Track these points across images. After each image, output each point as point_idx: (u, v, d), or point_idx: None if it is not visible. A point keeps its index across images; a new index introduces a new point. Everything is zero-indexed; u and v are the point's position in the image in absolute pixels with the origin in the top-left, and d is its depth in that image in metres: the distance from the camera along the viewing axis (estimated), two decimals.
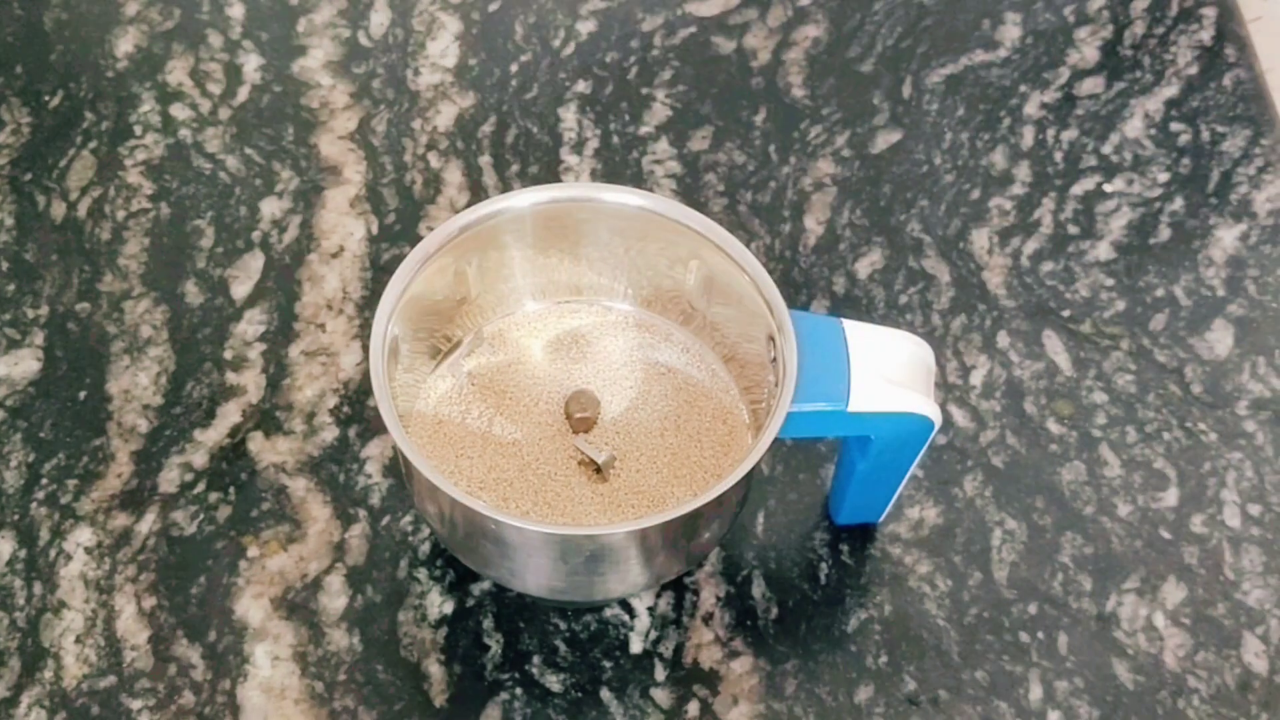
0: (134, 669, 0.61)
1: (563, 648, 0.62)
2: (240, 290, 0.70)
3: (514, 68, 0.78)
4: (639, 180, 0.74)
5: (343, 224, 0.73)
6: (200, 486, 0.65)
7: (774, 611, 0.63)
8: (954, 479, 0.66)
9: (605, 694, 0.61)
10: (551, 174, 0.75)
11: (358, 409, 0.67)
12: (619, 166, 0.75)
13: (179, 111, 0.76)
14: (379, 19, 0.80)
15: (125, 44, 0.79)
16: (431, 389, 0.62)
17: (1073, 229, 0.74)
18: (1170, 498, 0.66)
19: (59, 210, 0.73)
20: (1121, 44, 0.80)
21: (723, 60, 0.79)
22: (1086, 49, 0.80)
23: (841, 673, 0.61)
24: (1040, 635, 0.62)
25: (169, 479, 0.65)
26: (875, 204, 0.74)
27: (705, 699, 0.61)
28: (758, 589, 0.63)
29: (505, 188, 0.74)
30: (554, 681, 0.61)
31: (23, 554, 0.63)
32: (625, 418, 0.61)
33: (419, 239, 0.64)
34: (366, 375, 0.66)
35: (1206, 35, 0.80)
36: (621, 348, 0.63)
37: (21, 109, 0.76)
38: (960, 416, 0.68)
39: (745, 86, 0.78)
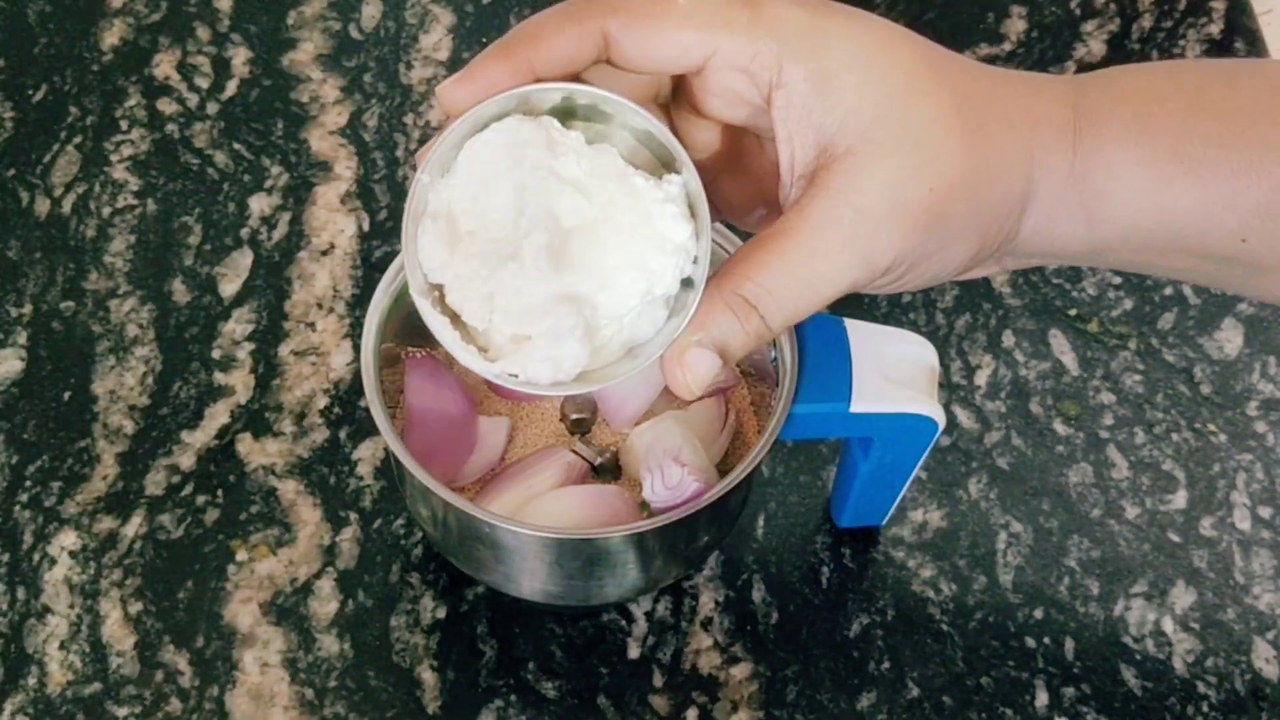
0: (120, 675, 0.60)
1: (558, 653, 0.61)
2: (229, 288, 0.69)
3: None
4: None
5: (333, 221, 0.72)
6: (188, 489, 0.64)
7: (774, 616, 0.62)
8: (958, 481, 0.65)
9: (602, 701, 0.60)
10: None
11: (349, 410, 0.66)
12: None
13: (166, 106, 0.75)
14: (370, 11, 0.79)
15: (110, 37, 0.77)
16: None
17: None
18: (1179, 500, 0.65)
19: (43, 206, 0.72)
20: (1129, 37, 0.79)
21: None
22: (1093, 42, 0.79)
23: (843, 679, 0.60)
24: (1046, 640, 0.61)
25: (155, 481, 0.64)
26: None
27: (704, 706, 0.60)
28: (758, 593, 0.62)
29: None
30: (549, 688, 0.60)
31: (5, 558, 0.62)
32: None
33: None
34: (358, 375, 0.66)
35: (1215, 28, 0.79)
36: None
37: (4, 103, 0.75)
38: (964, 417, 0.67)
39: None
